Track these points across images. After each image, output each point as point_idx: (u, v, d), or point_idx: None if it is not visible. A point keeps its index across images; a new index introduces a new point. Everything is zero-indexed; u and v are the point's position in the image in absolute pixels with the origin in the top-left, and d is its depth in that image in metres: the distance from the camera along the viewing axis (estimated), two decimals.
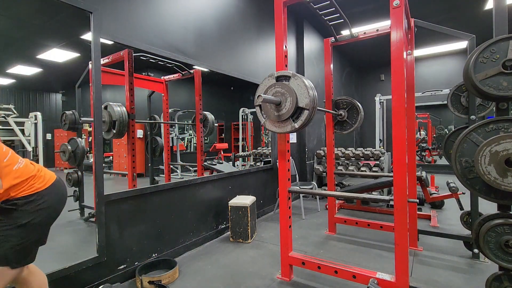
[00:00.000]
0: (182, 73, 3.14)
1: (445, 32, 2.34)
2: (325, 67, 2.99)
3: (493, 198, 1.42)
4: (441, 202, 3.88)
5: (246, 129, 5.69)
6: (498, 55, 1.40)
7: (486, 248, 1.43)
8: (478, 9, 4.84)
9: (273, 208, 4.03)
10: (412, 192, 2.61)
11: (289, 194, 2.12)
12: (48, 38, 2.21)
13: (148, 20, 2.37)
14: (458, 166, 1.48)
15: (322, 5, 2.25)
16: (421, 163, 7.54)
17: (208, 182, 2.98)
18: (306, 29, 4.98)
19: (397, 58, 1.68)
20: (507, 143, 1.30)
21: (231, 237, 2.91)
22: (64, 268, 1.77)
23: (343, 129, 3.07)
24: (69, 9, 1.85)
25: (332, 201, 3.05)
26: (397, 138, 1.68)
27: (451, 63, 7.47)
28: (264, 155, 5.08)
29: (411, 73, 2.53)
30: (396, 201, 1.69)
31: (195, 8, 2.87)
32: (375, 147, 6.33)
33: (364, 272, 1.83)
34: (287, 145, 2.12)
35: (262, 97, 1.69)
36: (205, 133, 3.99)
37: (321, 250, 2.65)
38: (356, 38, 2.71)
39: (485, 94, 1.45)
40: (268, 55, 4.03)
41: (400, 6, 1.67)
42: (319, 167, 4.88)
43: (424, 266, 2.28)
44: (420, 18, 2.51)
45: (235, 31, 3.45)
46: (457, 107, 2.46)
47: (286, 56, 2.07)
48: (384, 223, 2.82)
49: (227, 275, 2.19)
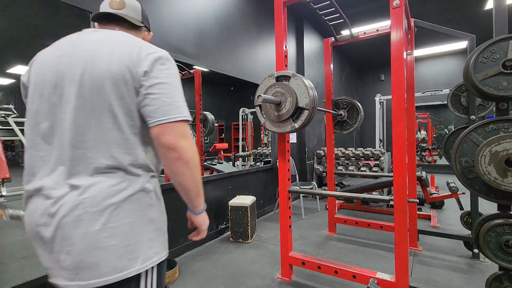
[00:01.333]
0: (182, 73, 3.13)
1: (445, 32, 2.34)
2: (325, 67, 2.99)
3: (493, 198, 1.42)
4: (441, 202, 3.88)
5: (246, 129, 5.69)
6: (498, 55, 1.40)
7: (486, 248, 1.43)
8: (478, 9, 4.84)
9: (273, 208, 4.03)
10: (412, 192, 2.61)
11: (289, 194, 2.12)
12: (48, 38, 2.20)
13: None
14: (458, 166, 1.48)
15: (322, 5, 2.25)
16: (421, 163, 7.54)
17: (208, 182, 2.98)
18: (306, 29, 4.97)
19: (397, 58, 1.68)
20: (507, 143, 1.30)
21: (231, 237, 2.91)
22: None
23: (343, 129, 3.07)
24: (69, 9, 1.85)
25: (332, 201, 3.05)
26: (397, 138, 1.68)
27: (451, 63, 7.47)
28: (264, 155, 5.08)
29: (411, 73, 2.53)
30: (396, 201, 1.69)
31: (195, 8, 2.87)
32: (375, 147, 6.33)
33: (364, 272, 1.83)
34: (287, 145, 2.12)
35: (262, 97, 1.69)
36: (205, 133, 3.98)
37: (321, 250, 2.65)
38: (356, 38, 2.71)
39: (485, 94, 1.45)
40: (268, 55, 4.03)
41: (400, 6, 1.67)
42: (319, 167, 4.88)
43: (424, 266, 2.28)
44: (420, 18, 2.51)
45: (235, 31, 3.45)
46: (457, 107, 2.46)
47: (286, 56, 2.07)
48: (384, 223, 2.82)
49: (227, 275, 2.19)
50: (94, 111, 0.73)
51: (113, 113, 0.73)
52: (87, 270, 0.69)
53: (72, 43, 0.79)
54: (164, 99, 0.75)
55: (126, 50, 0.75)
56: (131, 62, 0.74)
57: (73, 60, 0.74)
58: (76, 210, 0.69)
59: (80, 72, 0.73)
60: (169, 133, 0.74)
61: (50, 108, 0.75)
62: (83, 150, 0.73)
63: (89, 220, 0.69)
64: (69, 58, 0.75)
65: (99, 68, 0.73)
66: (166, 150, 0.75)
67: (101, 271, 0.69)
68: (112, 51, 0.75)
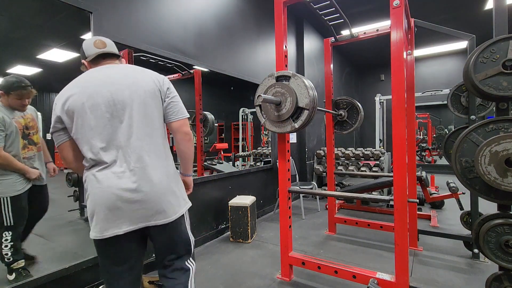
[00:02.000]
0: (182, 73, 3.13)
1: (445, 32, 2.34)
2: (325, 67, 2.99)
3: (493, 198, 1.42)
4: (441, 202, 3.88)
5: (246, 129, 5.69)
6: (498, 55, 1.40)
7: (486, 248, 1.43)
8: (478, 9, 4.84)
9: (273, 208, 4.03)
10: (412, 192, 2.61)
11: (289, 194, 2.12)
12: (48, 38, 2.20)
13: (148, 20, 2.37)
14: (458, 166, 1.48)
15: (322, 5, 2.25)
16: (421, 163, 7.54)
17: (208, 182, 2.98)
18: (306, 29, 4.97)
19: (397, 58, 1.68)
20: (507, 143, 1.30)
21: (231, 237, 2.91)
22: (64, 268, 1.77)
23: (343, 129, 3.07)
24: (69, 9, 1.85)
25: (332, 201, 3.05)
26: (397, 138, 1.68)
27: (451, 63, 7.47)
28: (264, 155, 5.08)
29: (411, 73, 2.53)
30: (396, 201, 1.69)
31: (195, 8, 2.87)
32: (375, 147, 6.33)
33: (364, 272, 1.83)
34: (287, 145, 2.12)
35: (262, 97, 1.69)
36: (205, 133, 3.98)
37: (321, 250, 2.65)
38: (356, 38, 2.71)
39: (485, 94, 1.45)
40: (268, 55, 4.03)
41: (400, 6, 1.67)
42: (319, 167, 4.88)
43: (424, 266, 2.28)
44: (420, 18, 2.50)
45: (235, 31, 3.45)
46: (457, 107, 2.46)
47: (286, 56, 2.07)
48: (384, 223, 2.82)
49: (227, 275, 2.19)
50: (145, 116, 1.16)
51: (155, 115, 1.19)
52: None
53: (105, 77, 1.14)
54: (180, 105, 1.25)
55: (149, 77, 1.20)
56: (157, 84, 1.20)
57: (119, 87, 1.12)
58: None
59: (128, 93, 1.13)
60: (186, 125, 1.26)
61: (108, 120, 1.11)
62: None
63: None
64: (116, 86, 1.12)
65: (141, 89, 1.15)
66: (184, 134, 1.25)
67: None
68: (141, 78, 1.18)
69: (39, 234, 2.23)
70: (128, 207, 1.09)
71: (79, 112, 1.09)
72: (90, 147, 1.10)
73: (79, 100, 1.09)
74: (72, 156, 1.18)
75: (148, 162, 1.13)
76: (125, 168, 1.10)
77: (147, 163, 1.13)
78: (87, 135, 1.10)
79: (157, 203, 1.13)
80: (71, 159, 1.18)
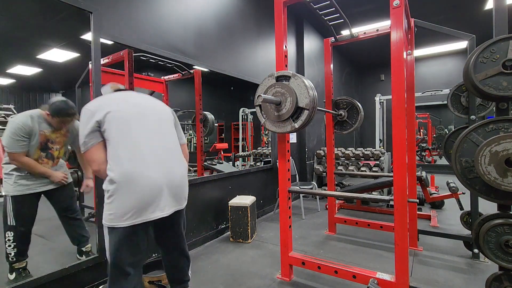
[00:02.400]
0: (182, 73, 3.13)
1: (445, 32, 2.34)
2: (325, 67, 2.99)
3: (493, 198, 1.42)
4: (441, 202, 3.88)
5: (246, 129, 5.69)
6: (498, 55, 1.40)
7: (486, 248, 1.43)
8: (478, 9, 4.84)
9: (273, 208, 4.03)
10: (412, 192, 2.61)
11: (289, 194, 2.12)
12: (48, 38, 2.20)
13: (148, 20, 2.37)
14: (458, 166, 1.48)
15: (322, 5, 2.25)
16: (421, 163, 7.54)
17: (208, 182, 2.98)
18: (306, 29, 4.97)
19: (397, 58, 1.68)
20: (507, 143, 1.30)
21: (231, 237, 2.91)
22: (64, 268, 1.77)
23: (343, 129, 3.07)
24: (69, 9, 1.85)
25: (332, 201, 3.05)
26: (397, 138, 1.68)
27: (451, 63, 7.47)
28: (264, 155, 5.08)
29: (411, 73, 2.53)
30: (396, 201, 1.69)
31: (195, 8, 2.87)
32: (375, 147, 6.33)
33: (364, 272, 1.83)
34: (287, 145, 2.12)
35: (262, 97, 1.69)
36: (205, 133, 3.98)
37: (321, 250, 2.65)
38: (356, 38, 2.71)
39: (485, 94, 1.45)
40: (268, 55, 4.03)
41: (400, 6, 1.67)
42: (319, 167, 4.88)
43: (424, 266, 2.28)
44: (420, 18, 2.50)
45: (235, 31, 3.45)
46: (457, 107, 2.46)
47: (286, 56, 2.07)
48: (384, 223, 2.82)
49: (227, 275, 2.19)
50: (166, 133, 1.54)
51: (173, 131, 1.59)
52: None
53: (137, 99, 1.49)
54: (182, 132, 1.68)
55: (162, 104, 1.59)
56: (170, 111, 1.61)
57: (146, 107, 1.48)
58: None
59: (151, 112, 1.48)
60: (186, 148, 1.68)
61: (143, 126, 1.40)
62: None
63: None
64: (143, 106, 1.48)
65: (160, 112, 1.53)
66: (185, 154, 1.63)
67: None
68: (158, 104, 1.57)
69: (39, 234, 2.23)
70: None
71: (115, 120, 1.36)
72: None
73: (115, 113, 1.36)
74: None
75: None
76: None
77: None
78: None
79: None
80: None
